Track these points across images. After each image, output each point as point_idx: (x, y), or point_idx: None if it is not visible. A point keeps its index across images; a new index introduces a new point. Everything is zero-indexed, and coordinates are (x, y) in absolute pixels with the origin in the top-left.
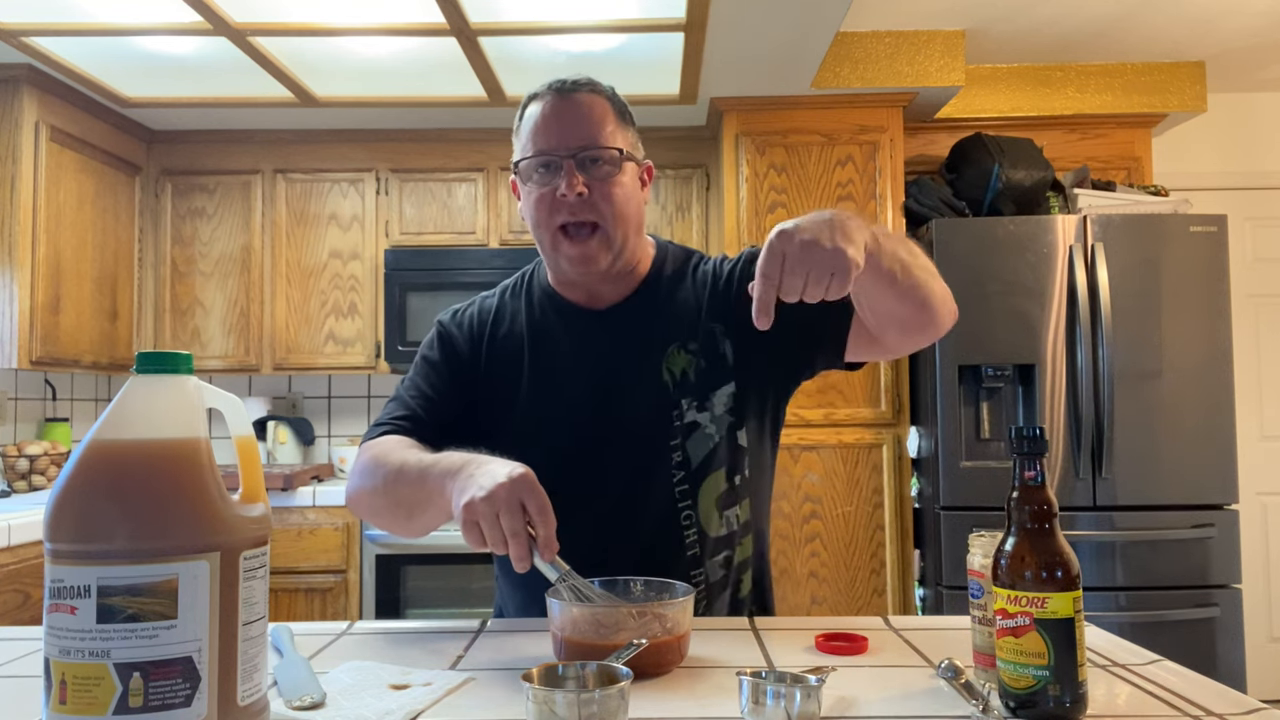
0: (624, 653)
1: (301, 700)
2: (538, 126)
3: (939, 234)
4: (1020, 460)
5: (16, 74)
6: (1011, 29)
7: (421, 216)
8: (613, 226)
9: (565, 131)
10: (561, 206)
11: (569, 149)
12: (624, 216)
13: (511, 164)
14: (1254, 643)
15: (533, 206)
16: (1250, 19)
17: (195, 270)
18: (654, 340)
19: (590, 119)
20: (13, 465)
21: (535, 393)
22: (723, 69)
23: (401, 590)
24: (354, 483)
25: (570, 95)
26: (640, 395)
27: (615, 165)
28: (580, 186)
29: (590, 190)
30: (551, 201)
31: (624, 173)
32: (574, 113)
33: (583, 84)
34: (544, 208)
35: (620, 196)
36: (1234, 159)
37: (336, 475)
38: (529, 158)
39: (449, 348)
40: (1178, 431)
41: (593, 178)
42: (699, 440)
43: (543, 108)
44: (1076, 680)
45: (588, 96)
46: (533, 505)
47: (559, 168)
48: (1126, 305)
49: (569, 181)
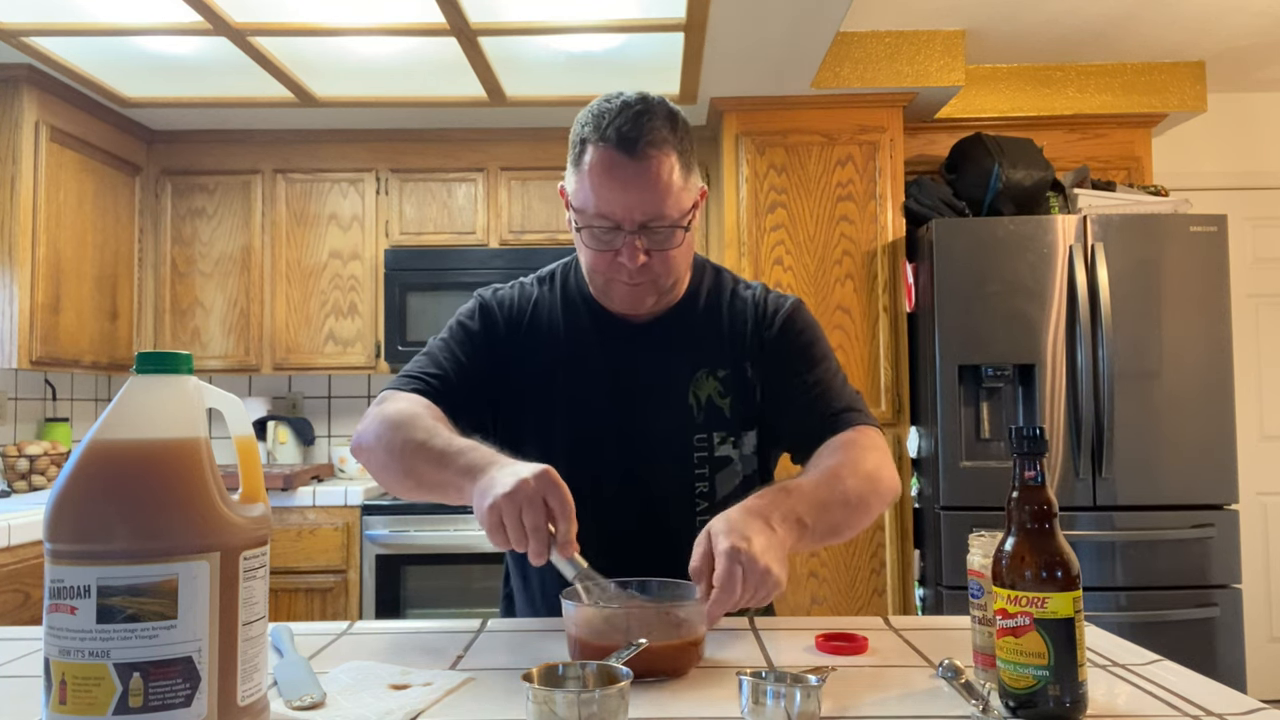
0: (624, 653)
1: (301, 700)
2: (600, 184)
3: (939, 234)
4: (1020, 460)
5: (16, 74)
6: (1011, 29)
7: (421, 216)
8: (665, 281)
9: (630, 203)
10: (620, 269)
11: (634, 222)
12: (678, 270)
13: (562, 185)
14: (1254, 643)
15: (590, 257)
16: (1250, 19)
17: (195, 270)
18: (685, 361)
19: (657, 187)
20: (13, 465)
21: (565, 391)
22: (723, 69)
23: (401, 590)
24: (370, 433)
25: (638, 159)
26: (666, 414)
27: (679, 231)
28: (642, 257)
29: (650, 256)
30: (610, 262)
31: (686, 233)
32: (641, 182)
33: (652, 139)
34: (601, 264)
35: (678, 259)
36: (1234, 159)
37: (336, 475)
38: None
39: (489, 320)
40: (1178, 431)
41: (654, 246)
42: (728, 475)
43: (606, 162)
44: (1076, 680)
45: (656, 157)
46: (554, 501)
47: (620, 233)
48: (1126, 305)
49: (630, 254)
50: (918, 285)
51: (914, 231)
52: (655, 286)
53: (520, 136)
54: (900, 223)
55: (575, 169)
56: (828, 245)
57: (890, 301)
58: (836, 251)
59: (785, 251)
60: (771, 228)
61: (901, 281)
